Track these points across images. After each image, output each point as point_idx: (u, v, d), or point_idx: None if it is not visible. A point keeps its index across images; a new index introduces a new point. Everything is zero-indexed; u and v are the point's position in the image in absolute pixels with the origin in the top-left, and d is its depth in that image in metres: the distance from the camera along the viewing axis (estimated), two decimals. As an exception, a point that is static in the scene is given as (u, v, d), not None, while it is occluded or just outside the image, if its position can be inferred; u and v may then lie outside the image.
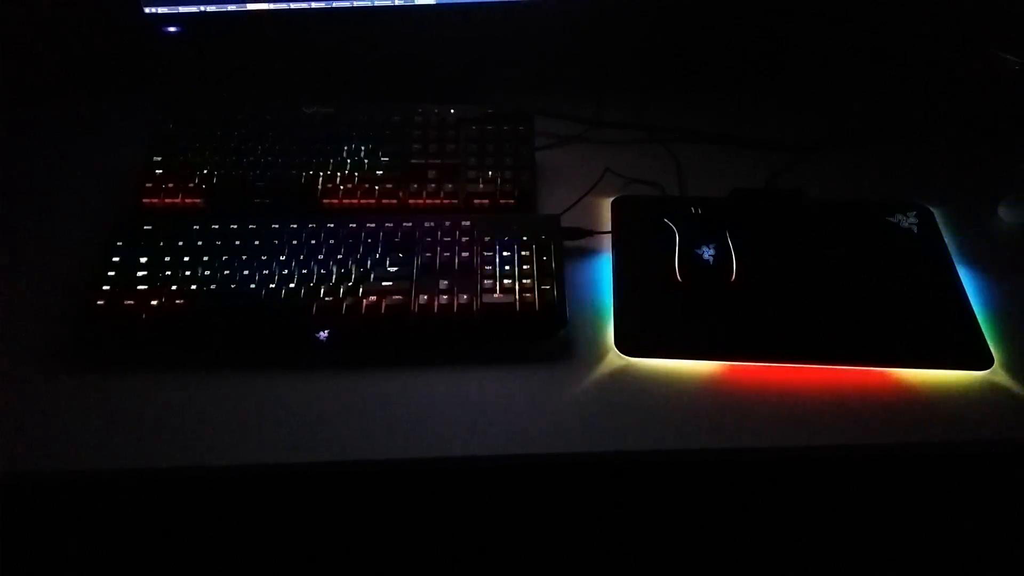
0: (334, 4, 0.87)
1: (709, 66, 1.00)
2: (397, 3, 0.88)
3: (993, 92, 0.93)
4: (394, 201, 0.80)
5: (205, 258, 0.73)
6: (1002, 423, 0.66)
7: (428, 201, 0.80)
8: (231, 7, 0.87)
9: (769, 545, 0.87)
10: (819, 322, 0.71)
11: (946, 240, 0.79)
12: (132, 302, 0.69)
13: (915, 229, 0.79)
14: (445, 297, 0.70)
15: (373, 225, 0.76)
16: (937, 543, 0.86)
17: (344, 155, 0.83)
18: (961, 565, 0.86)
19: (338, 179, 0.81)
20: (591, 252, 0.78)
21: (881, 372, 0.68)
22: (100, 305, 0.69)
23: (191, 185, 0.80)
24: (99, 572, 0.82)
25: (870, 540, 0.86)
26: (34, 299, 0.73)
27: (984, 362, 0.69)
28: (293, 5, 0.87)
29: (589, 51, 0.97)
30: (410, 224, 0.76)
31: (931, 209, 0.81)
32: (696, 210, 0.80)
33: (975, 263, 0.77)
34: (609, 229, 0.79)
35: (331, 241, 0.74)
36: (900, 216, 0.80)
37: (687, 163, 0.88)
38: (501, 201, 0.80)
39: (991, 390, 0.68)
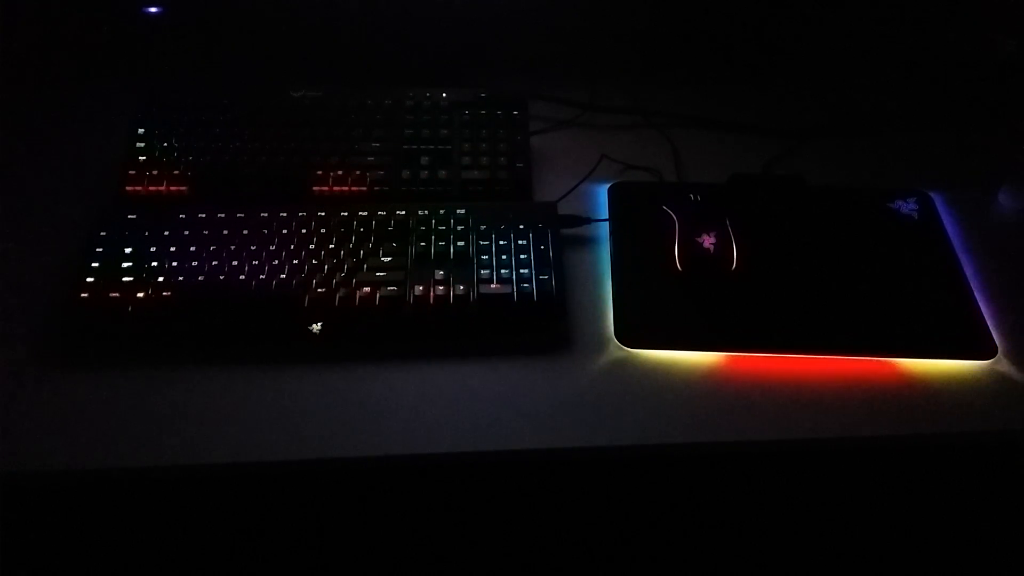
0: (322, -16, 0.85)
1: (705, 50, 0.98)
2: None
3: (993, 77, 0.92)
4: (387, 188, 0.78)
5: (192, 248, 0.70)
6: (1006, 413, 0.65)
7: (422, 188, 0.78)
8: (215, -14, 0.84)
9: (773, 538, 0.87)
10: (821, 311, 0.70)
11: (947, 227, 0.78)
12: (117, 294, 0.67)
13: (916, 216, 0.78)
14: (441, 288, 0.68)
15: (365, 213, 0.74)
16: (941, 534, 0.85)
17: (334, 140, 0.80)
18: (965, 555, 0.86)
19: (328, 166, 0.79)
20: (589, 240, 0.77)
21: (884, 362, 0.68)
22: (84, 298, 0.67)
23: (176, 172, 0.77)
24: (84, 572, 0.80)
25: (874, 531, 0.86)
26: (14, 292, 0.70)
27: (988, 351, 0.68)
28: (279, -15, 0.84)
29: (584, 34, 0.95)
30: (403, 212, 0.74)
31: (931, 195, 0.80)
32: (695, 197, 0.79)
33: (977, 250, 0.77)
34: (606, 216, 0.78)
35: (322, 230, 0.72)
36: (900, 202, 0.79)
37: (683, 149, 0.87)
38: (496, 188, 0.79)
39: (995, 380, 0.67)
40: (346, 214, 0.74)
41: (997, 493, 0.81)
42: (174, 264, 0.69)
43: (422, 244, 0.72)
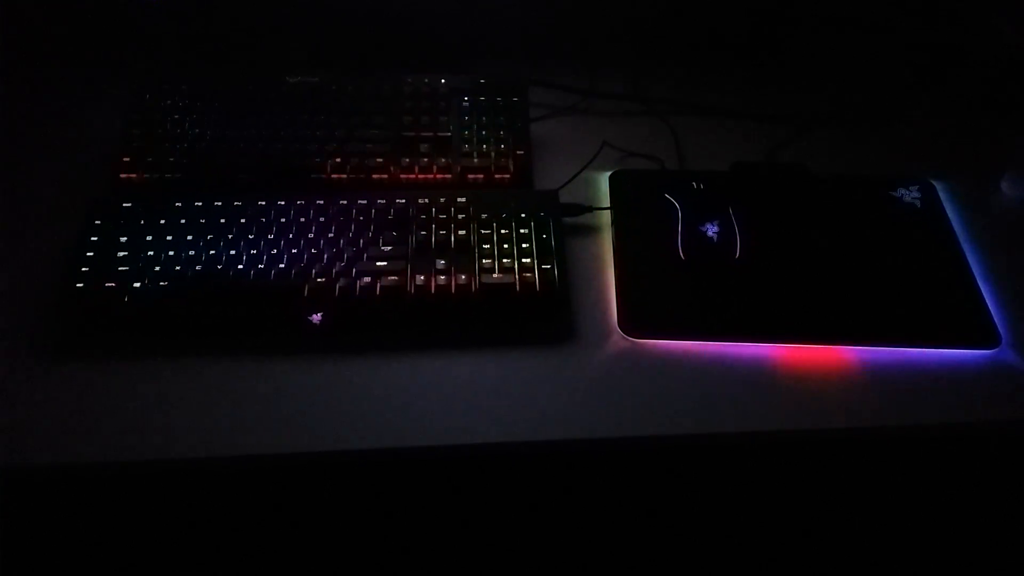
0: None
1: (706, 37, 0.97)
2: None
3: (996, 65, 0.91)
4: (385, 176, 0.77)
5: (189, 237, 0.69)
6: (1010, 402, 0.65)
7: (421, 176, 0.77)
8: (209, -30, 0.82)
9: (777, 528, 0.87)
10: (824, 301, 0.70)
11: (950, 215, 0.77)
12: (113, 285, 0.66)
13: (919, 204, 0.78)
14: (442, 277, 0.68)
15: (365, 202, 0.73)
16: (944, 524, 0.86)
17: (331, 127, 0.79)
18: (968, 546, 0.86)
19: (326, 153, 0.77)
20: (591, 229, 0.76)
21: (888, 351, 0.67)
22: (79, 288, 0.66)
23: (171, 159, 0.76)
24: (81, 566, 0.79)
25: (877, 521, 0.86)
26: (6, 283, 0.69)
27: (991, 341, 0.68)
28: (275, -32, 0.83)
29: (584, 19, 0.94)
30: (403, 201, 0.73)
31: (934, 183, 0.80)
32: (698, 185, 0.78)
33: (980, 238, 0.76)
34: (608, 205, 0.77)
35: (321, 219, 0.71)
36: (903, 191, 0.79)
37: (685, 136, 0.86)
38: (496, 176, 0.78)
39: (999, 369, 0.67)
40: (345, 202, 0.73)
41: (1000, 483, 0.81)
42: (170, 253, 0.68)
43: (423, 233, 0.71)
